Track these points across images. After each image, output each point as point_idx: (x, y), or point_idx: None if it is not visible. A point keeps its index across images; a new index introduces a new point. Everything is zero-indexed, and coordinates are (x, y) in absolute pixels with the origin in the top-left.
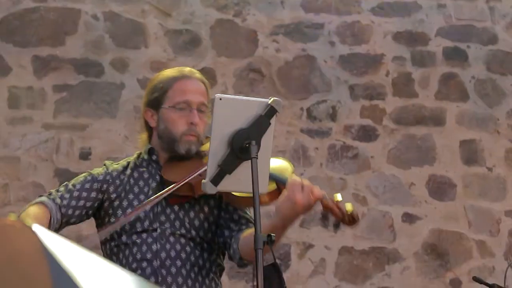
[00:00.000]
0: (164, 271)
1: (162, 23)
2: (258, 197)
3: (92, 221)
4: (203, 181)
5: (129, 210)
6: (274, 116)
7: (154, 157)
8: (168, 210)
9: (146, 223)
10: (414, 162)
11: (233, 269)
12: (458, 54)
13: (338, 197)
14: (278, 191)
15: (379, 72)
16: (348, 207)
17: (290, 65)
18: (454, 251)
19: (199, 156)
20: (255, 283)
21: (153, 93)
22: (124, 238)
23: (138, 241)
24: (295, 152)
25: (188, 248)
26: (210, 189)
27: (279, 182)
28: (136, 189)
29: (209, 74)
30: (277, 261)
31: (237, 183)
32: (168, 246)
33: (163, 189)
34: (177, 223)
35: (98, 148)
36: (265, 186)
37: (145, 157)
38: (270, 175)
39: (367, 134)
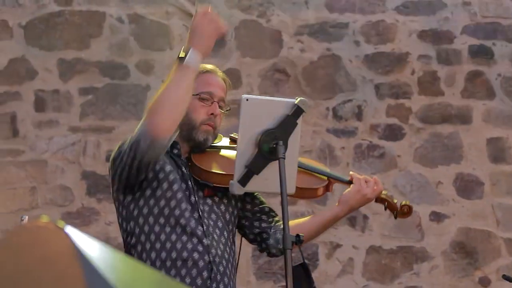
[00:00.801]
0: (215, 268)
1: (186, 24)
2: (286, 197)
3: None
4: (231, 181)
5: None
6: (301, 116)
7: (175, 151)
8: (201, 202)
9: (187, 214)
10: (441, 161)
11: (261, 269)
12: (484, 52)
13: (386, 192)
14: (328, 185)
15: (404, 70)
16: (401, 202)
17: (315, 65)
18: (483, 250)
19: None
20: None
21: None
22: (172, 220)
23: (188, 229)
24: (321, 152)
25: (227, 248)
26: (237, 190)
27: (338, 179)
28: (171, 177)
29: (234, 75)
30: (305, 261)
31: (264, 184)
32: (214, 243)
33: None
34: (213, 216)
35: None
36: (293, 186)
37: (168, 150)
38: (325, 171)
39: (393, 133)
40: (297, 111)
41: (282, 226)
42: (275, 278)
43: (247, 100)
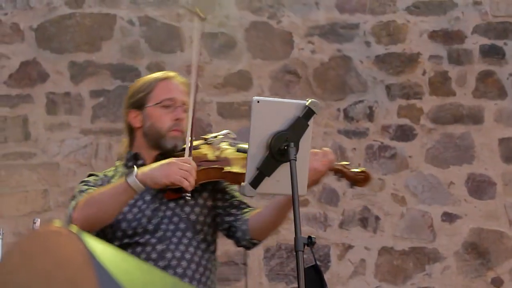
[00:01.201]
0: (171, 272)
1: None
2: (298, 199)
3: None
4: (242, 184)
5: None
6: (312, 117)
7: (140, 162)
8: (163, 207)
9: (144, 221)
10: (453, 161)
11: (273, 271)
12: (495, 52)
13: (345, 163)
14: None
15: (415, 71)
16: (360, 169)
17: (326, 66)
18: (495, 250)
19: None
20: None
21: (136, 95)
22: (126, 240)
23: (142, 241)
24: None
25: (191, 249)
26: (249, 192)
27: None
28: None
29: (244, 76)
30: (317, 262)
31: (276, 186)
32: (172, 246)
33: (157, 190)
34: (175, 219)
35: None
36: (305, 188)
37: (130, 164)
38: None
39: (404, 134)
40: (308, 113)
41: (247, 217)
42: (287, 279)
43: (258, 102)
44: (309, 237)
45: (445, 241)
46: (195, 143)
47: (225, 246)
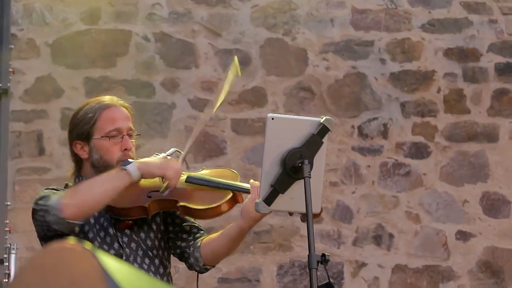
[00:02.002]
0: None
1: (212, 43)
2: (311, 216)
3: None
4: (256, 200)
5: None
6: (326, 135)
7: None
8: (119, 234)
9: (105, 246)
10: (467, 179)
11: None
12: (510, 70)
13: None
14: (234, 198)
15: (430, 88)
16: None
17: (340, 83)
18: (509, 269)
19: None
20: None
21: (80, 126)
22: None
23: None
24: (347, 170)
25: (150, 274)
26: (263, 209)
27: (240, 191)
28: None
29: (259, 93)
30: (331, 280)
31: (290, 203)
32: None
33: (112, 217)
34: (133, 245)
35: None
36: (318, 205)
37: None
38: (227, 184)
39: (419, 151)
40: (323, 130)
41: (199, 244)
42: None
43: (272, 119)
44: (323, 255)
45: (459, 260)
46: None
47: (238, 262)
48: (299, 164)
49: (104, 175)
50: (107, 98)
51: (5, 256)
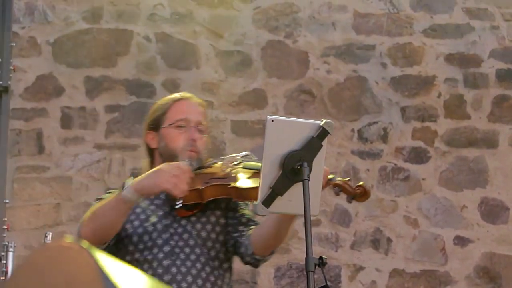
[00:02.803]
0: (175, 286)
1: (213, 44)
2: (310, 219)
3: None
4: (254, 202)
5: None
6: (326, 138)
7: None
8: (175, 224)
9: (154, 235)
10: (466, 185)
11: None
12: (511, 76)
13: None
14: None
15: (431, 93)
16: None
17: (341, 87)
18: (507, 275)
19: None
20: None
21: (152, 116)
22: (137, 254)
23: (150, 257)
24: (346, 173)
25: (198, 265)
26: (261, 211)
27: None
28: (142, 216)
29: (260, 95)
30: (328, 283)
31: (288, 205)
32: (178, 262)
33: (171, 208)
34: (185, 236)
35: None
36: (317, 208)
37: None
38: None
39: (418, 156)
40: (323, 133)
41: (250, 232)
42: None
43: (272, 121)
44: (321, 258)
45: (456, 265)
46: (213, 164)
47: (236, 264)
48: (298, 167)
49: (109, 200)
50: (182, 93)
51: (3, 254)
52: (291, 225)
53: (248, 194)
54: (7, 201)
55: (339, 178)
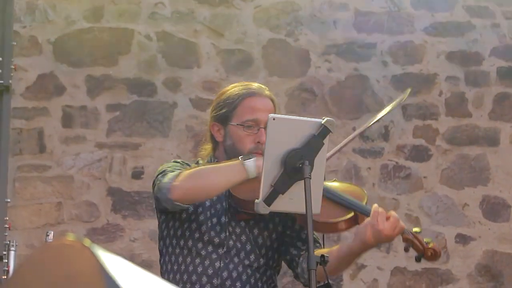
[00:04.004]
0: None
1: (214, 42)
2: (311, 217)
3: (145, 241)
4: (256, 201)
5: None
6: (327, 136)
7: None
8: (233, 224)
9: (213, 233)
10: (468, 183)
11: None
12: None
13: (417, 230)
14: (354, 219)
15: (432, 92)
16: (429, 241)
17: (342, 85)
18: (508, 273)
19: None
20: None
21: (221, 108)
22: (190, 243)
23: (203, 252)
24: (347, 172)
25: (249, 270)
26: (263, 209)
27: (363, 213)
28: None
29: None
30: (330, 281)
31: (290, 203)
32: (231, 266)
33: (231, 206)
34: (243, 238)
35: (150, 167)
36: (318, 207)
37: None
38: (352, 203)
39: (420, 154)
40: (324, 131)
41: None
42: None
43: (274, 119)
44: (322, 256)
45: (458, 263)
46: None
47: None
48: (300, 165)
49: (222, 165)
50: (255, 86)
51: (4, 253)
52: (354, 260)
53: (316, 225)
54: (9, 200)
55: (411, 232)
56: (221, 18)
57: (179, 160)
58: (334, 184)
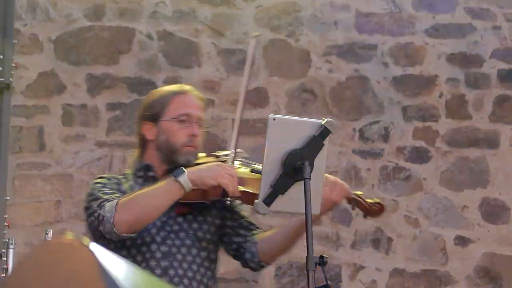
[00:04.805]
0: None
1: (215, 42)
2: (311, 218)
3: None
4: (255, 201)
5: None
6: (328, 137)
7: (151, 173)
8: (171, 221)
9: (154, 231)
10: (467, 185)
11: None
12: None
13: (360, 193)
14: None
15: (432, 93)
16: (372, 200)
17: (342, 86)
18: (507, 275)
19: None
20: None
21: (152, 107)
22: (134, 250)
23: (148, 255)
24: (347, 173)
25: (194, 266)
26: (262, 209)
27: None
28: None
29: (261, 94)
30: (328, 282)
31: (289, 204)
32: (175, 264)
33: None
34: (182, 235)
35: None
36: (318, 207)
37: (140, 174)
38: None
39: (419, 156)
40: (324, 132)
41: (256, 239)
42: None
43: (274, 119)
44: (321, 257)
45: (457, 265)
46: (207, 160)
47: (236, 263)
48: (300, 166)
49: (157, 188)
50: (183, 86)
51: (3, 251)
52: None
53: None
54: (8, 198)
55: (354, 193)
56: (222, 18)
57: (105, 176)
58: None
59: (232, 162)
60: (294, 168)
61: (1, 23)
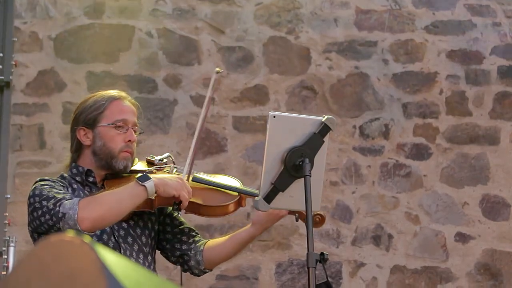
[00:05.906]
0: None
1: (215, 40)
2: (311, 215)
3: None
4: (256, 198)
5: None
6: (328, 134)
7: (91, 179)
8: (116, 228)
9: (105, 236)
10: (468, 181)
11: (284, 286)
12: None
13: None
14: (239, 201)
15: (432, 90)
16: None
17: (342, 83)
18: (508, 271)
19: (134, 173)
20: None
21: (88, 112)
22: None
23: None
24: (347, 170)
25: (145, 266)
26: (263, 206)
27: (248, 194)
28: None
29: (261, 91)
30: (329, 279)
31: (289, 201)
32: None
33: None
34: (129, 240)
35: None
36: (318, 204)
37: (78, 179)
38: (235, 187)
39: (420, 153)
40: (324, 129)
41: (201, 248)
42: None
43: (274, 117)
44: (322, 254)
45: (458, 261)
46: (142, 167)
47: (237, 259)
48: (300, 163)
49: (122, 190)
50: (117, 92)
51: (4, 249)
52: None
53: (207, 211)
54: (9, 196)
55: None
56: (222, 15)
57: (46, 178)
58: (210, 177)
59: (172, 170)
60: (295, 165)
61: (1, 21)
